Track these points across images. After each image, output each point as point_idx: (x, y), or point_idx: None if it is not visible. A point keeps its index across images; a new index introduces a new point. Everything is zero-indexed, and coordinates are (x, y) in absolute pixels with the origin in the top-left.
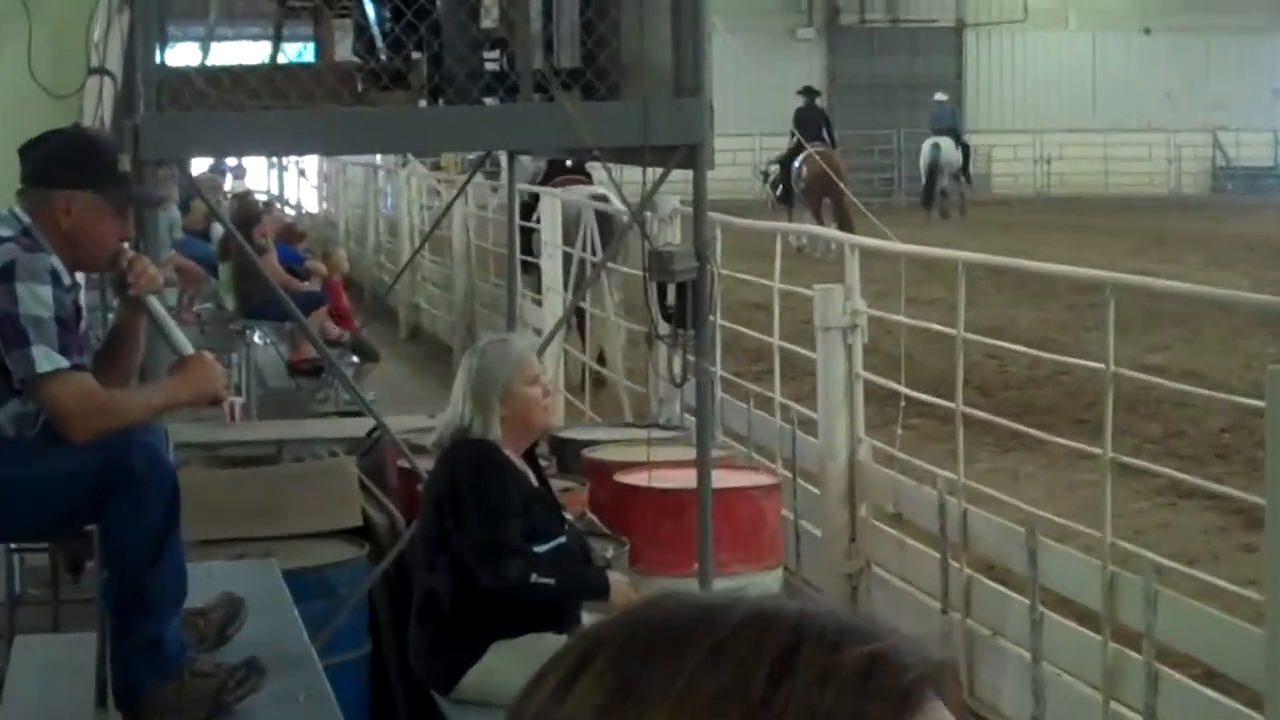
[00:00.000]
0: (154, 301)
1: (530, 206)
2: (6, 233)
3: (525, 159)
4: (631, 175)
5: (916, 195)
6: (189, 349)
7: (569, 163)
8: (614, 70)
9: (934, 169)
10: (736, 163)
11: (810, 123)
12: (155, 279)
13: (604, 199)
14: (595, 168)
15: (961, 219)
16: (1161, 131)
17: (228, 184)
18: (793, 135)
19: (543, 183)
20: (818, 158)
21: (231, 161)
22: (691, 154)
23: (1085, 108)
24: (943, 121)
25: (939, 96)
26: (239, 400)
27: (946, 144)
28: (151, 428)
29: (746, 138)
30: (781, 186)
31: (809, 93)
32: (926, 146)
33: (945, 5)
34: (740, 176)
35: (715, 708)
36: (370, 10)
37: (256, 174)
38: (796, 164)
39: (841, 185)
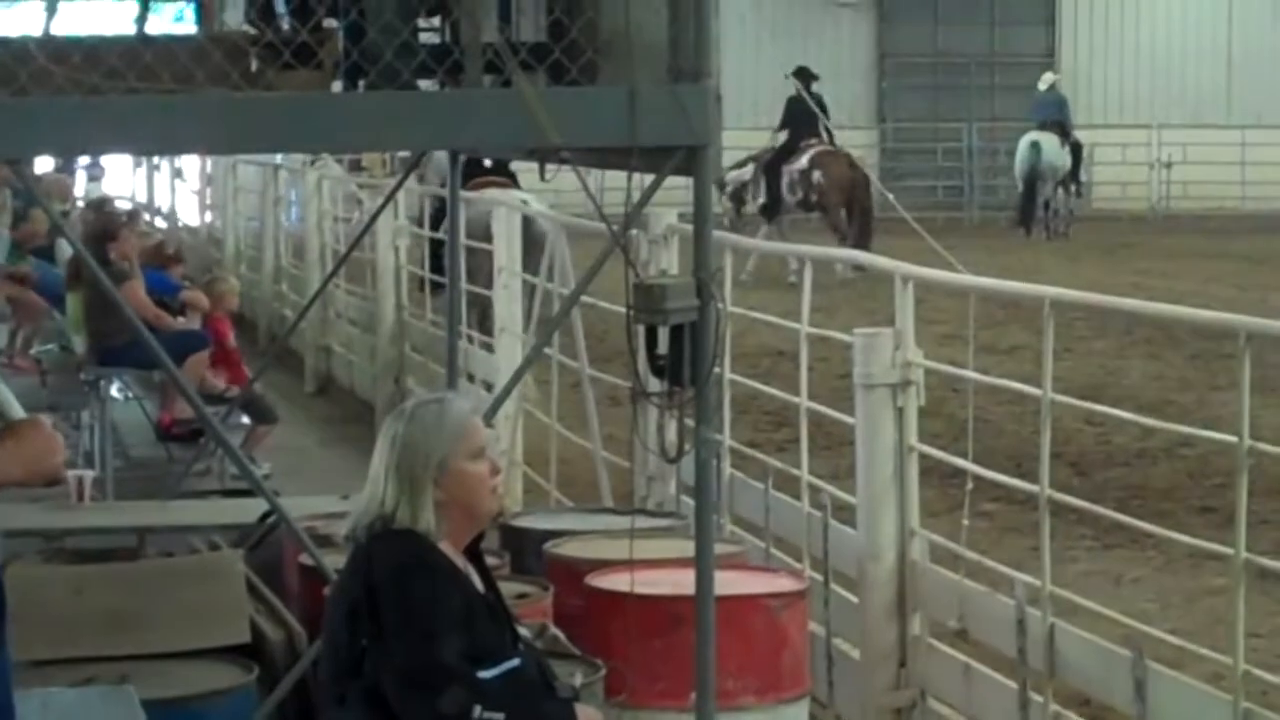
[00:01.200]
0: None
1: (442, 214)
2: None
3: (440, 155)
4: (614, 179)
5: (991, 209)
6: (19, 411)
7: (488, 162)
8: (590, 46)
9: (1032, 175)
10: None
11: (806, 115)
12: None
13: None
14: (526, 167)
15: (1067, 240)
16: None
17: (79, 187)
18: (782, 130)
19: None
20: (845, 159)
21: (85, 158)
22: (692, 157)
23: (1217, 95)
24: (1048, 113)
25: (1047, 80)
26: (89, 474)
27: (1049, 142)
28: None
29: (767, 133)
30: (766, 197)
31: (804, 75)
32: (1024, 145)
33: None
34: None
35: None
36: None
37: (118, 174)
38: (800, 167)
39: (870, 194)
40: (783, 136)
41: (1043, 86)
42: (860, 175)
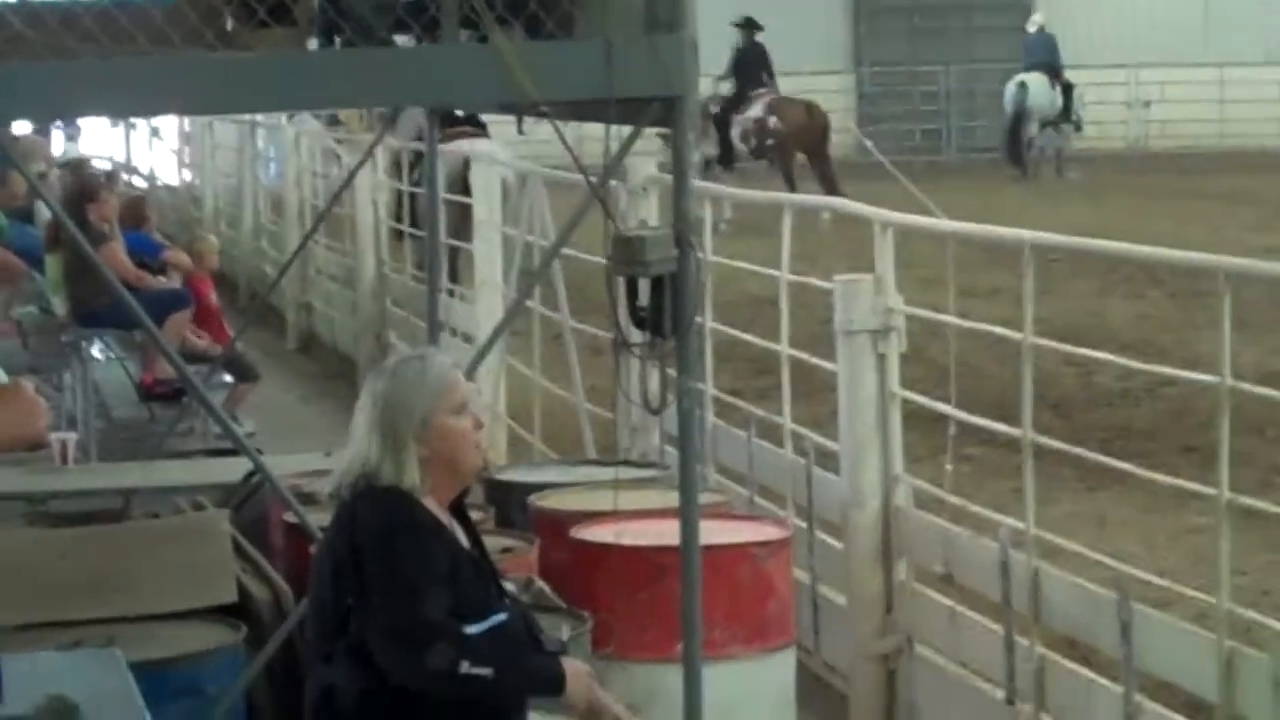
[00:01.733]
0: None
1: (412, 164)
2: None
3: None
4: (592, 129)
5: (970, 151)
6: (0, 376)
7: (460, 111)
8: None
9: (1019, 114)
10: None
11: (752, 64)
12: None
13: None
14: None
15: (1062, 180)
16: None
17: (57, 147)
18: (728, 79)
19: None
20: (803, 106)
21: None
22: (670, 109)
23: (1194, 34)
24: (1038, 54)
25: (1034, 21)
26: (72, 437)
27: (1036, 83)
28: None
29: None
30: (717, 148)
31: (749, 25)
32: (1011, 86)
33: None
34: None
35: None
36: None
37: (95, 134)
38: (755, 115)
39: (828, 142)
40: (727, 86)
41: (1031, 29)
42: (818, 123)
